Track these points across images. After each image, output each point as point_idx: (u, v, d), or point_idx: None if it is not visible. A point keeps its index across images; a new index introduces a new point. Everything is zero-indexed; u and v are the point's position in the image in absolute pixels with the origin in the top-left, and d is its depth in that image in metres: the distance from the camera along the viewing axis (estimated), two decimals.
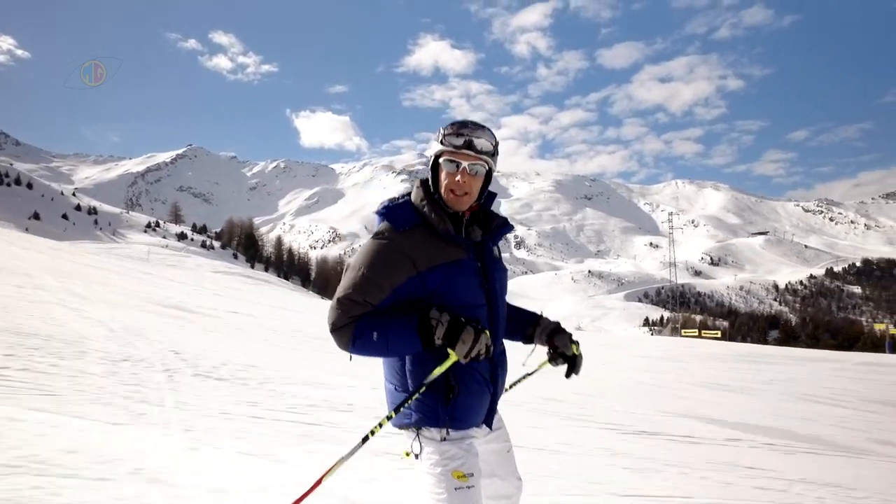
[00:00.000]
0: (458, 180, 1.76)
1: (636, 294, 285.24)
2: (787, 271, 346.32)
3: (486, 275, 1.84)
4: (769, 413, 8.88)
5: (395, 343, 1.67)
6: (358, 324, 1.65)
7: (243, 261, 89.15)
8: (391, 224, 1.74)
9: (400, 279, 1.69)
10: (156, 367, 5.82)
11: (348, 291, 1.67)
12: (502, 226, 1.93)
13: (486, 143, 1.78)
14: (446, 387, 1.73)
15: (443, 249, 1.74)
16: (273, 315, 17.20)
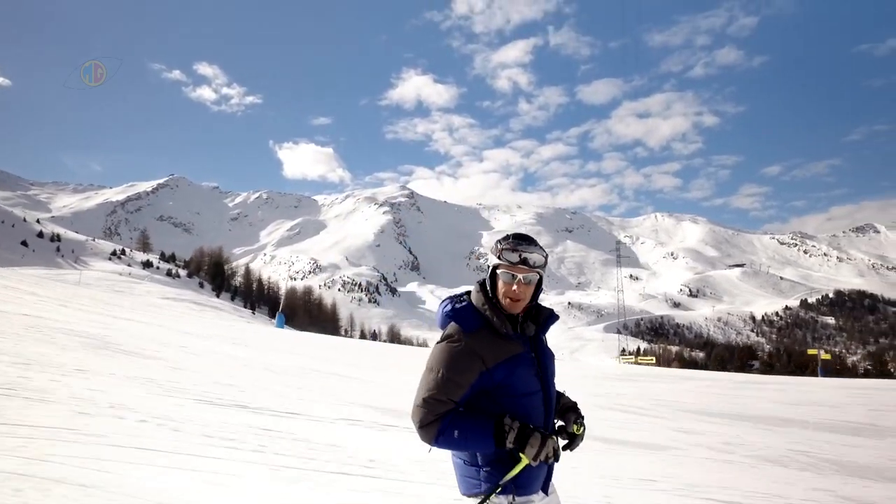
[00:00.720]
0: (514, 290, 2.02)
1: (615, 326, 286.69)
2: (764, 302, 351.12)
3: (539, 364, 2.11)
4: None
5: (473, 443, 1.93)
6: (443, 422, 1.92)
7: (209, 290, 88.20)
8: (461, 327, 2.00)
9: (473, 376, 1.95)
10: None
11: (432, 392, 1.93)
12: (549, 317, 2.20)
13: (538, 257, 2.05)
14: (509, 459, 1.98)
15: (505, 347, 2.01)
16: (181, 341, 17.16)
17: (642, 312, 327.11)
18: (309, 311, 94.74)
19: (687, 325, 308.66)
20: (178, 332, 17.06)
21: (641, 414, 11.07)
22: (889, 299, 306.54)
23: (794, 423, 10.95)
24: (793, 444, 8.53)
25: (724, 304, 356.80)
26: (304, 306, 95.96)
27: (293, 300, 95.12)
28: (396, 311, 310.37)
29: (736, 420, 10.93)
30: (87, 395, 5.95)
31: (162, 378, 7.92)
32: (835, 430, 10.22)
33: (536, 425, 2.00)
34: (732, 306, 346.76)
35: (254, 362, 12.52)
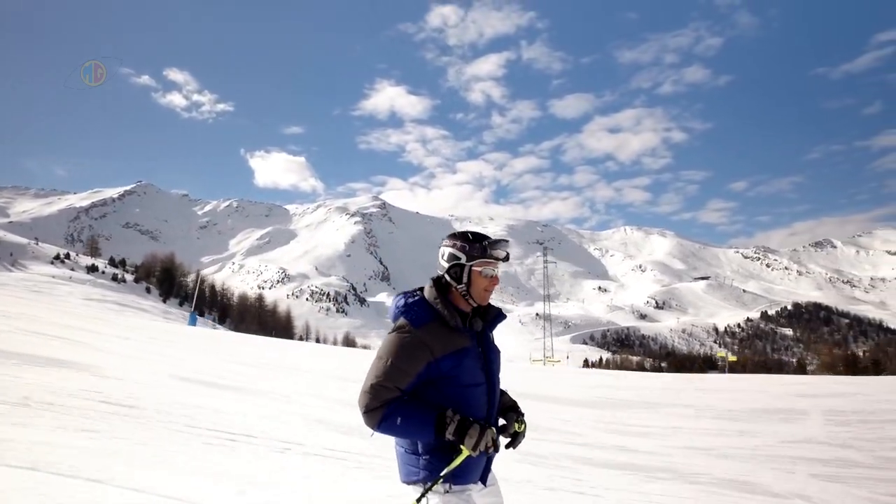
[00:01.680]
0: (493, 284, 2.23)
1: (582, 336, 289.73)
2: (727, 314, 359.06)
3: (485, 358, 2.25)
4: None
5: (414, 431, 2.03)
6: (388, 408, 2.01)
7: (156, 295, 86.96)
8: (411, 320, 2.12)
9: (420, 366, 2.06)
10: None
11: (379, 379, 2.03)
12: (497, 316, 2.35)
13: (509, 255, 2.31)
14: (449, 448, 2.08)
15: (453, 339, 2.13)
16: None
17: (609, 324, 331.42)
18: (260, 318, 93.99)
19: (652, 337, 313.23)
20: (60, 326, 17.16)
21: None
22: (842, 311, 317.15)
23: (601, 403, 11.83)
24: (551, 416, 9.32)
25: (688, 316, 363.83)
26: (256, 313, 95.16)
27: (244, 307, 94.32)
28: (365, 321, 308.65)
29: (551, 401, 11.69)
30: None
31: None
32: (629, 406, 11.15)
33: (478, 416, 2.12)
34: (697, 318, 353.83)
35: (113, 349, 12.87)
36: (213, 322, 79.95)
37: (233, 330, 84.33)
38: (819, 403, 13.64)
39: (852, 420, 11.18)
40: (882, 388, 17.17)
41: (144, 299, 74.87)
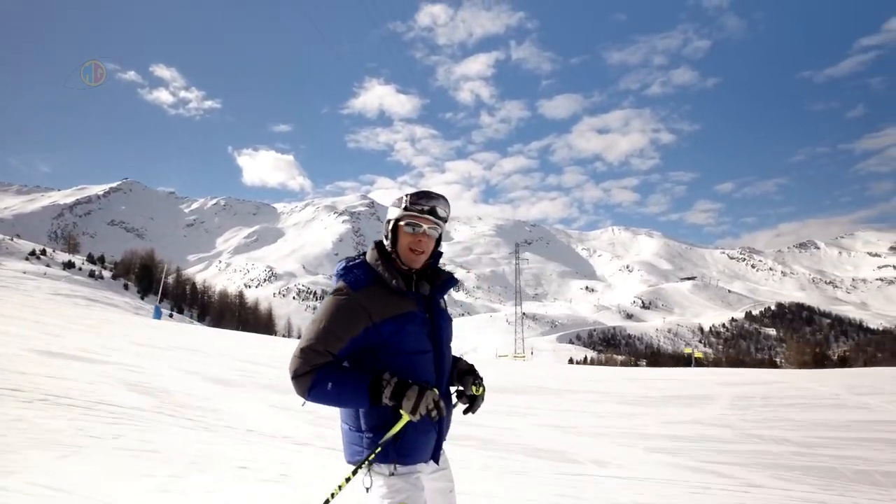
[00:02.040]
0: (419, 240, 2.04)
1: (568, 336, 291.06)
2: (712, 314, 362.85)
3: (433, 325, 2.07)
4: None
5: (347, 397, 1.86)
6: (318, 373, 1.86)
7: (135, 292, 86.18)
8: (348, 284, 1.97)
9: (357, 330, 1.91)
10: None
11: (311, 342, 1.88)
12: (448, 280, 2.19)
13: (444, 210, 2.08)
14: (394, 425, 1.91)
15: (395, 303, 1.97)
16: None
17: (595, 323, 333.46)
18: (240, 315, 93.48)
19: (638, 336, 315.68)
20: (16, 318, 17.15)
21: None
22: (824, 311, 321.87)
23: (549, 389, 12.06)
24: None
25: (674, 316, 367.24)
26: (235, 310, 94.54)
27: (224, 304, 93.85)
28: None
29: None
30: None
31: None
32: (536, 392, 11.40)
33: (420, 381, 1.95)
34: (683, 318, 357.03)
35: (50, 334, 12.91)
36: (191, 319, 79.39)
37: (212, 327, 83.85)
38: (737, 391, 14.01)
39: (754, 404, 11.55)
40: (821, 378, 17.58)
41: (120, 295, 74.23)
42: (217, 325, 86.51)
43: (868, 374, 20.45)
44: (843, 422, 9.31)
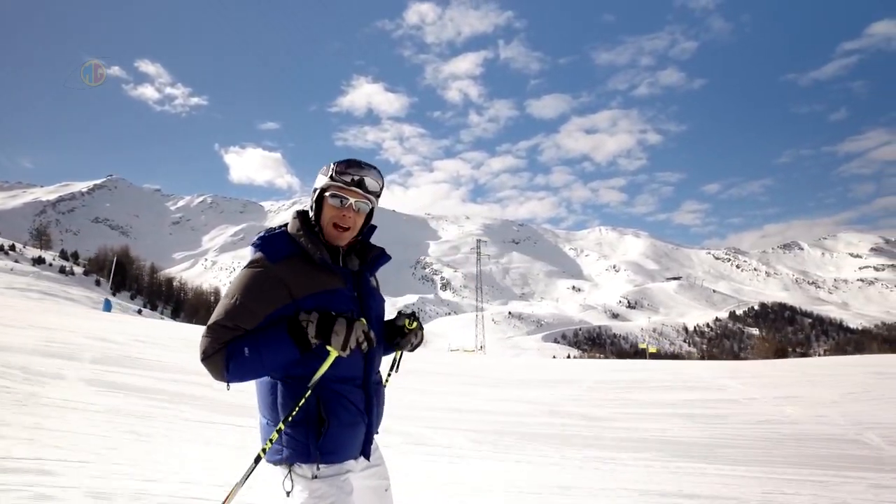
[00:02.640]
0: (343, 215, 1.80)
1: (553, 335, 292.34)
2: (697, 314, 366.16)
3: (362, 304, 1.85)
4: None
5: (270, 353, 1.61)
6: (229, 346, 1.61)
7: (106, 288, 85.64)
8: (265, 254, 1.73)
9: (274, 305, 1.67)
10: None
11: (220, 318, 1.63)
12: (379, 256, 1.98)
13: (375, 183, 1.84)
14: (317, 419, 1.68)
15: (319, 278, 1.75)
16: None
17: (581, 323, 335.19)
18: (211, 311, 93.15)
19: (623, 336, 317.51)
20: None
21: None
22: (806, 311, 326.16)
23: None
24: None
25: (660, 316, 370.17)
26: (209, 307, 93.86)
27: (199, 299, 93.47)
28: None
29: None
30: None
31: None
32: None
33: (353, 374, 1.78)
34: (668, 318, 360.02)
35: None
36: (161, 315, 79.06)
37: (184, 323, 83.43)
38: (612, 376, 14.63)
39: (609, 388, 12.04)
40: (735, 367, 18.07)
41: (90, 291, 73.73)
42: (190, 321, 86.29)
43: (790, 364, 20.97)
44: (674, 401, 9.77)
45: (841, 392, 10.44)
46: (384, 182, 1.91)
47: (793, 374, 14.98)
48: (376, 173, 1.86)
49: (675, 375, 15.08)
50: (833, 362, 19.35)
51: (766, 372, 15.92)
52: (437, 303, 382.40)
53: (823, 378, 13.26)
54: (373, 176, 1.84)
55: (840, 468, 5.22)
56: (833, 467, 5.27)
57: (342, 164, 1.81)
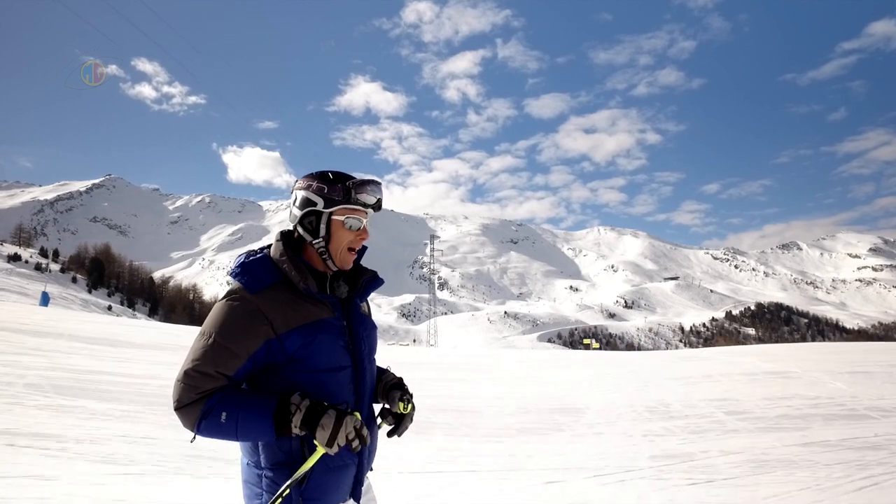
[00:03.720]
0: (361, 239, 1.67)
1: (548, 335, 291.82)
2: (694, 314, 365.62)
3: (351, 334, 1.65)
4: None
5: (246, 427, 1.41)
6: (208, 401, 1.42)
7: (83, 286, 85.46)
8: (244, 285, 1.53)
9: (257, 344, 1.48)
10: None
11: (197, 363, 1.44)
12: (371, 281, 1.77)
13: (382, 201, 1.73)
14: (301, 461, 1.49)
15: (304, 309, 1.55)
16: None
17: (577, 322, 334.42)
18: (191, 308, 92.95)
19: (619, 335, 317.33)
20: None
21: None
22: (802, 311, 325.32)
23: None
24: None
25: (656, 316, 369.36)
26: (187, 304, 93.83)
27: (177, 298, 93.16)
28: None
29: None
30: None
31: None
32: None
33: (338, 403, 1.51)
34: (664, 318, 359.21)
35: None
36: (134, 312, 78.83)
37: (161, 321, 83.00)
38: (534, 366, 14.55)
39: (512, 378, 11.87)
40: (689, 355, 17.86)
41: (64, 287, 73.50)
42: (167, 319, 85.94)
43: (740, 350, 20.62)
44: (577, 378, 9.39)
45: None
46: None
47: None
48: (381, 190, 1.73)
49: (614, 364, 14.80)
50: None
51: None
52: (433, 302, 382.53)
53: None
54: (382, 194, 1.72)
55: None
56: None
57: (363, 185, 1.64)
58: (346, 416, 1.41)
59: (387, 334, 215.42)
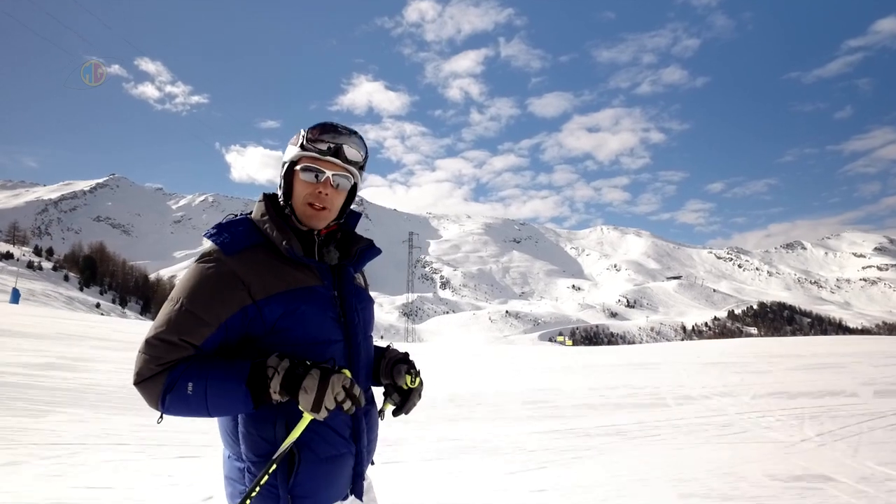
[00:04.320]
0: (319, 192, 1.42)
1: (549, 334, 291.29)
2: (696, 313, 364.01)
3: (343, 305, 1.43)
4: None
5: (217, 398, 1.19)
6: (172, 372, 1.21)
7: (75, 284, 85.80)
8: (219, 245, 1.33)
9: (230, 310, 1.27)
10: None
11: (160, 329, 1.23)
12: (367, 249, 1.55)
13: (356, 151, 1.46)
14: (287, 453, 1.27)
15: (287, 274, 1.35)
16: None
17: (578, 321, 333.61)
18: None
19: (620, 335, 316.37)
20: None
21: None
22: (805, 310, 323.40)
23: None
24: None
25: (658, 315, 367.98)
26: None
27: (164, 293, 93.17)
28: None
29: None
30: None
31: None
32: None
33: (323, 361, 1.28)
34: (667, 317, 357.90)
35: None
36: (123, 310, 79.08)
37: (152, 319, 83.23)
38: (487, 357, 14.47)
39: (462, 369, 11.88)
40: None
41: (54, 285, 73.75)
42: (147, 314, 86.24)
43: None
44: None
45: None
46: (367, 150, 1.51)
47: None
48: (357, 140, 1.48)
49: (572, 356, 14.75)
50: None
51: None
52: (435, 301, 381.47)
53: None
54: (353, 143, 1.46)
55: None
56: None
57: (315, 130, 1.43)
58: (333, 375, 1.20)
59: (388, 333, 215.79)
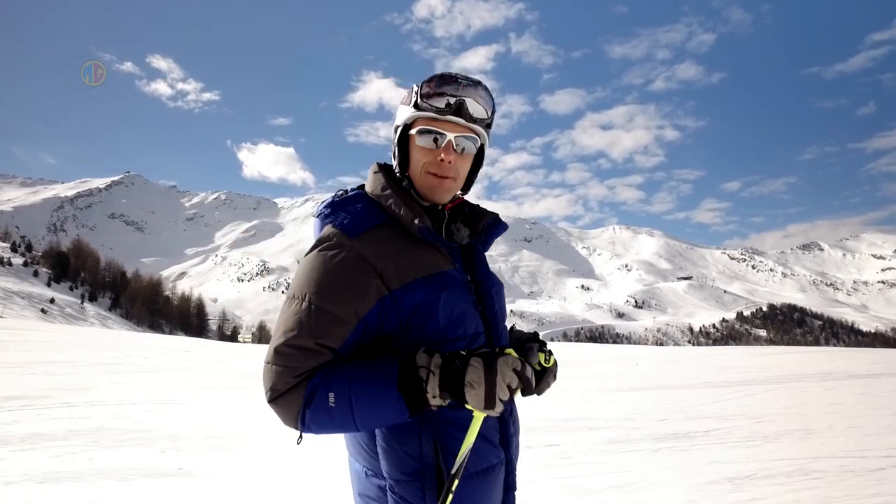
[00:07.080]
0: (442, 160, 1.16)
1: (554, 334, 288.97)
2: (705, 315, 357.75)
3: (479, 292, 1.19)
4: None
5: (365, 408, 0.98)
6: (310, 383, 1.00)
7: (45, 279, 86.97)
8: (341, 228, 1.11)
9: (368, 303, 1.05)
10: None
11: (291, 334, 1.02)
12: (494, 225, 1.32)
13: (482, 108, 1.20)
14: (435, 470, 1.05)
15: (419, 257, 1.12)
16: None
17: (584, 322, 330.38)
18: (154, 304, 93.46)
19: (626, 335, 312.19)
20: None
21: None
22: (816, 313, 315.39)
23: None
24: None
25: (666, 316, 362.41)
26: (146, 294, 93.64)
27: (136, 288, 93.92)
28: None
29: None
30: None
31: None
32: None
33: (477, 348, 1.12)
34: (675, 318, 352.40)
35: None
36: (82, 305, 79.79)
37: (122, 314, 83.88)
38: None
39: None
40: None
41: (21, 281, 74.67)
42: (128, 312, 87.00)
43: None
44: None
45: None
46: (495, 104, 1.24)
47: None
48: (483, 92, 1.20)
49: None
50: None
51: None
52: None
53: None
54: (479, 96, 1.18)
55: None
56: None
57: (431, 83, 1.16)
58: (499, 359, 0.97)
59: None
